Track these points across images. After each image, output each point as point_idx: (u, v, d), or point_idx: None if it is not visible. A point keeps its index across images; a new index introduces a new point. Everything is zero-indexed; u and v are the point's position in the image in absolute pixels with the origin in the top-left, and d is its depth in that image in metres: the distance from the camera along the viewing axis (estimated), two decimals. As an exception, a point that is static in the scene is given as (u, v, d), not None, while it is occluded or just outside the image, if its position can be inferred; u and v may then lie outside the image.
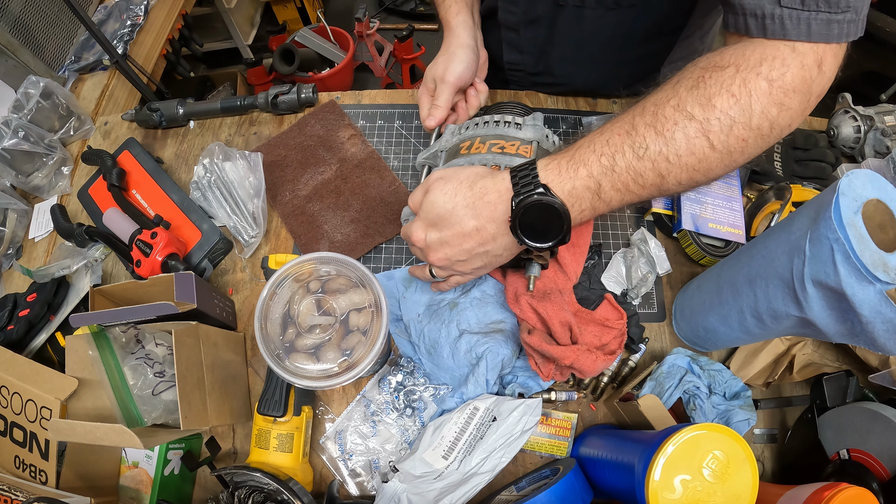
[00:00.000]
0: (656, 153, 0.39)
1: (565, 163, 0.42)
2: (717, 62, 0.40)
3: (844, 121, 0.77)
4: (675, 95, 0.40)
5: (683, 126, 0.39)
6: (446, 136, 0.62)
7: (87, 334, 0.55)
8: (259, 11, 2.11)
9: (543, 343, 0.54)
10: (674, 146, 0.39)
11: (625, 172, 0.40)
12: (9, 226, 0.77)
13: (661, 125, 0.39)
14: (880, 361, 0.57)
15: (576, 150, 0.43)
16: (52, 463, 0.53)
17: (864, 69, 1.66)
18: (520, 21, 0.73)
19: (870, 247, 0.37)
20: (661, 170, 0.40)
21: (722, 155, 0.40)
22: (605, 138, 0.41)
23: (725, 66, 0.39)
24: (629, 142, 0.40)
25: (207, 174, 0.73)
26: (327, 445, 0.61)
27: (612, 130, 0.41)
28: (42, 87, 0.81)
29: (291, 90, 0.81)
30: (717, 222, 0.65)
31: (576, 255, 0.63)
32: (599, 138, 0.42)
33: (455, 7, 0.68)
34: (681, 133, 0.39)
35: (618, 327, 0.59)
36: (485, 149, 0.56)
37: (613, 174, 0.41)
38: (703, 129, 0.38)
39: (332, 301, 0.50)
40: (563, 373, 0.56)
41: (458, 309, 0.62)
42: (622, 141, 0.40)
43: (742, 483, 0.39)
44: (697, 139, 0.39)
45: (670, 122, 0.39)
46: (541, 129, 0.59)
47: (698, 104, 0.38)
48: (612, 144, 0.41)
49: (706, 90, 0.39)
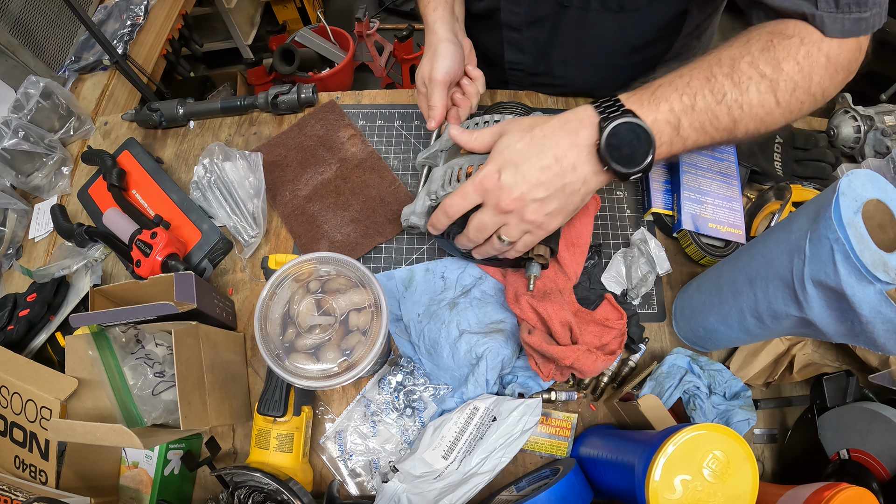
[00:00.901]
0: (732, 100, 0.43)
1: (647, 98, 0.44)
2: (782, 30, 0.44)
3: (844, 121, 0.77)
4: (748, 53, 0.44)
5: (756, 82, 0.43)
6: (446, 136, 0.62)
7: (87, 334, 0.55)
8: (259, 11, 2.11)
9: (543, 343, 0.54)
10: (747, 97, 0.43)
11: (703, 113, 0.44)
12: (9, 226, 0.77)
13: (737, 77, 0.43)
14: (880, 361, 0.57)
15: (656, 87, 0.45)
16: (52, 463, 0.53)
17: (864, 69, 1.66)
18: (522, 21, 0.73)
19: (870, 247, 0.37)
20: (734, 116, 0.44)
21: (784, 111, 0.45)
22: (686, 81, 0.44)
23: (791, 35, 0.44)
24: (709, 87, 0.43)
25: (207, 174, 0.73)
26: (327, 445, 0.61)
27: (690, 75, 0.44)
28: (42, 87, 0.81)
29: (291, 90, 0.81)
30: (717, 222, 0.65)
31: (575, 255, 0.63)
32: (679, 80, 0.44)
33: (433, 2, 0.67)
34: (754, 87, 0.43)
35: (618, 327, 0.59)
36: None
37: (693, 113, 0.44)
38: (772, 87, 0.43)
39: (332, 301, 0.50)
40: (563, 373, 0.56)
41: (457, 309, 0.62)
42: (702, 85, 0.43)
43: (742, 483, 0.39)
44: (767, 95, 0.44)
45: (745, 76, 0.43)
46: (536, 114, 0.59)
47: (769, 65, 0.43)
48: (692, 87, 0.44)
49: (776, 54, 0.43)
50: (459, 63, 0.66)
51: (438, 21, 0.66)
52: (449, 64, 0.64)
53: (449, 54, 0.64)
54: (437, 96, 0.64)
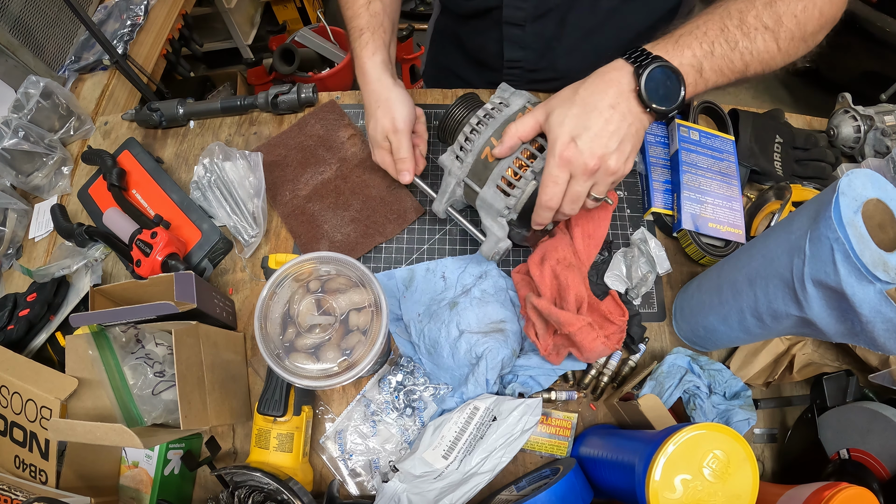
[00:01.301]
0: (743, 48, 0.51)
1: (671, 46, 0.51)
2: None
3: (844, 121, 0.77)
4: (753, 8, 0.51)
5: (762, 32, 0.51)
6: (453, 169, 0.60)
7: (87, 334, 0.55)
8: (259, 11, 2.11)
9: (551, 307, 0.55)
10: (755, 45, 0.51)
11: (720, 58, 0.51)
12: (9, 226, 0.77)
13: (745, 28, 0.50)
14: (880, 361, 0.57)
15: (678, 37, 0.51)
16: (52, 463, 0.53)
17: (864, 69, 1.66)
18: (527, 16, 0.72)
19: (870, 246, 0.37)
20: (746, 60, 0.51)
21: (784, 56, 0.53)
22: (703, 31, 0.51)
23: None
24: (723, 36, 0.50)
25: (207, 174, 0.73)
26: (327, 445, 0.61)
27: (706, 26, 0.51)
28: (42, 87, 0.81)
29: (291, 90, 0.81)
30: (717, 222, 0.65)
31: (589, 246, 0.63)
32: (697, 31, 0.51)
33: (371, 45, 0.65)
34: (760, 37, 0.51)
35: (619, 323, 0.59)
36: None
37: (713, 58, 0.51)
38: (774, 37, 0.51)
39: (332, 301, 0.50)
40: (560, 352, 0.57)
41: (457, 309, 0.62)
42: (717, 34, 0.51)
43: (742, 483, 0.39)
44: (770, 43, 0.51)
45: (752, 28, 0.51)
46: (519, 92, 0.59)
47: (772, 20, 0.51)
48: (709, 36, 0.51)
49: (777, 9, 0.51)
50: (412, 106, 0.65)
51: (380, 67, 0.65)
52: (408, 111, 0.64)
53: (404, 101, 0.64)
54: (405, 147, 0.64)
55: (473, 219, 0.65)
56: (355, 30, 0.66)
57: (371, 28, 0.66)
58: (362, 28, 0.66)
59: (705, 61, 0.51)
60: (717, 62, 0.51)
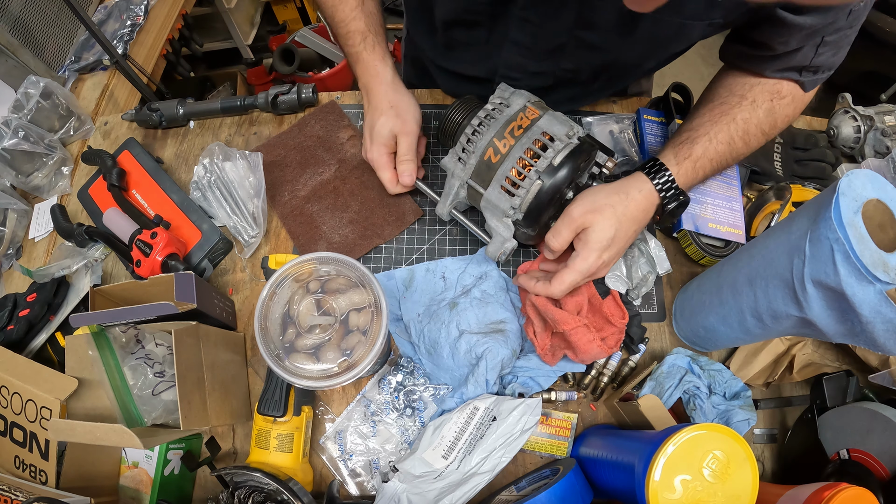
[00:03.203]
0: (740, 153, 0.59)
1: (690, 170, 0.57)
2: (779, 91, 0.58)
3: (844, 121, 0.77)
4: (754, 116, 0.57)
5: (758, 138, 0.58)
6: (455, 171, 0.60)
7: (87, 334, 0.55)
8: (259, 11, 2.11)
9: (549, 304, 0.56)
10: (751, 148, 0.59)
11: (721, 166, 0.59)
12: (9, 226, 0.77)
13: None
14: (880, 361, 0.57)
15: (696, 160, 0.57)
16: (52, 463, 0.53)
17: (864, 69, 1.66)
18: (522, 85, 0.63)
19: (870, 247, 0.37)
20: (738, 158, 0.59)
21: (767, 139, 0.60)
22: (714, 146, 0.57)
23: (785, 95, 0.58)
24: (729, 150, 0.58)
25: (207, 174, 0.73)
26: (327, 445, 0.61)
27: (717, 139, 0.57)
28: (42, 87, 0.81)
29: (291, 90, 0.81)
30: (717, 222, 0.65)
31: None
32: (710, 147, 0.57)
33: (380, 48, 0.65)
34: (755, 142, 0.59)
35: (619, 326, 0.59)
36: (513, 140, 0.56)
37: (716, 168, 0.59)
38: (766, 137, 0.59)
39: (332, 301, 0.50)
40: (556, 353, 0.57)
41: (458, 309, 0.62)
42: (725, 149, 0.57)
43: (742, 483, 0.39)
44: (761, 140, 0.59)
45: (752, 136, 0.58)
46: (519, 91, 0.59)
47: (769, 125, 0.58)
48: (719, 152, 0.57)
49: (775, 115, 0.58)
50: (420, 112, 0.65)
51: (392, 70, 0.65)
52: (419, 115, 0.63)
53: (416, 105, 0.64)
54: (412, 149, 0.63)
55: (475, 219, 0.66)
56: (355, 33, 0.65)
57: (374, 30, 0.65)
58: (364, 31, 0.65)
59: (710, 172, 0.59)
60: (717, 168, 0.59)
